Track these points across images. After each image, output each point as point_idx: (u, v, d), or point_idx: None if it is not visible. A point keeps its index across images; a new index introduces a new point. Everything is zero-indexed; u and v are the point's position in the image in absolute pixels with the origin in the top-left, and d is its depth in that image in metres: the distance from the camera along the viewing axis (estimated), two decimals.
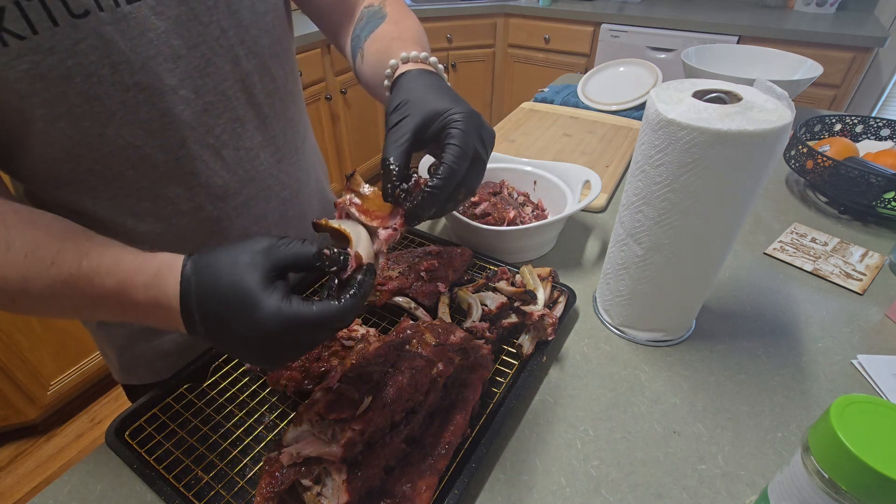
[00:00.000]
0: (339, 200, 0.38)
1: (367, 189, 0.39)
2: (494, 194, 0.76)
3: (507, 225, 0.70)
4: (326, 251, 0.33)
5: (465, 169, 0.38)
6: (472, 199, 0.75)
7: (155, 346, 0.59)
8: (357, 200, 0.38)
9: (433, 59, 0.47)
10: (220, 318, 0.32)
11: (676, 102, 0.45)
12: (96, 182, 0.46)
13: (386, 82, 0.47)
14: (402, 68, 0.45)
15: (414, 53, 0.46)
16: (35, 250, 0.35)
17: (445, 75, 0.47)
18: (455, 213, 0.67)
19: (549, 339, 0.54)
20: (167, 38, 0.43)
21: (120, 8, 0.39)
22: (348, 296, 0.32)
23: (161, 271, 0.34)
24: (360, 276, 0.33)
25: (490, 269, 0.66)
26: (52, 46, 0.37)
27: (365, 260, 0.34)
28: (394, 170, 0.38)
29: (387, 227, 0.38)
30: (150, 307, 0.34)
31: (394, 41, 0.50)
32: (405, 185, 0.38)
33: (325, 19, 0.60)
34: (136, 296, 0.34)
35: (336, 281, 0.34)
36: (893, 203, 0.73)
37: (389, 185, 0.38)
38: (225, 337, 0.33)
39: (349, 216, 0.38)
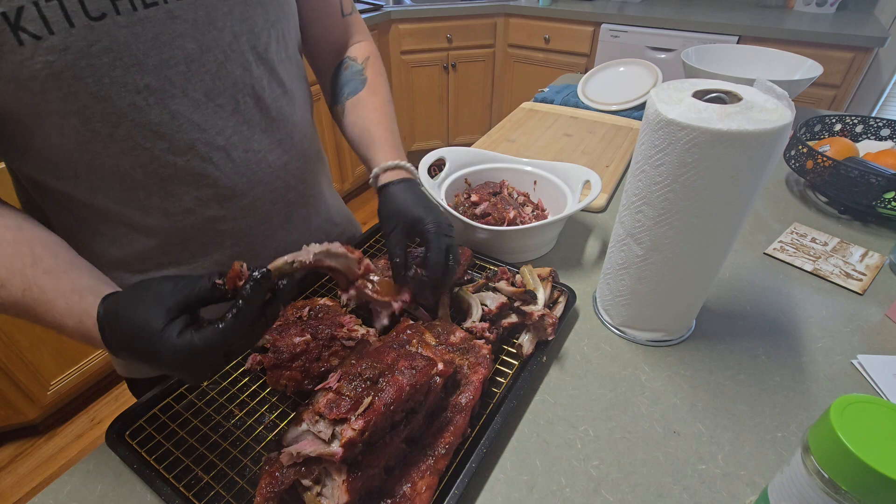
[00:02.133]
0: (359, 284, 0.50)
1: (376, 278, 0.53)
2: (494, 194, 0.76)
3: (507, 225, 0.70)
4: (218, 280, 0.37)
5: (443, 258, 0.51)
6: (472, 199, 0.75)
7: None
8: (371, 286, 0.52)
9: (407, 164, 0.59)
10: (132, 352, 0.37)
11: (676, 102, 0.45)
12: (106, 178, 0.47)
13: (371, 181, 0.59)
14: (385, 177, 0.57)
15: (392, 163, 0.58)
16: (12, 259, 0.39)
17: (418, 176, 0.60)
18: (455, 212, 0.68)
19: (549, 339, 0.54)
20: (182, 42, 0.44)
21: (137, 12, 0.40)
22: (229, 315, 0.35)
23: (83, 317, 0.39)
24: (244, 288, 0.35)
25: (490, 269, 0.66)
26: (66, 47, 0.38)
27: (269, 269, 0.37)
28: (399, 262, 0.52)
29: (397, 301, 0.53)
30: (83, 339, 0.40)
31: (373, 126, 0.61)
32: (409, 273, 0.53)
33: (317, 57, 0.67)
34: (69, 331, 0.40)
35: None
36: (893, 203, 0.73)
37: (400, 275, 0.52)
38: (144, 364, 0.38)
39: (368, 299, 0.52)
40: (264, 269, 0.36)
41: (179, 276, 0.38)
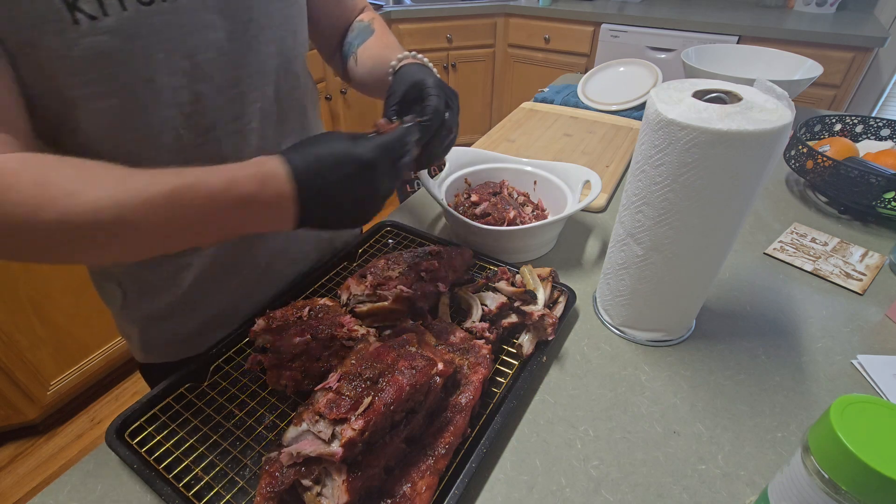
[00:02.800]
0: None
1: (366, 307, 0.55)
2: (494, 194, 0.76)
3: (507, 225, 0.70)
4: (371, 132, 0.45)
5: (443, 109, 0.50)
6: (472, 199, 0.75)
7: (177, 326, 0.61)
8: None
9: (423, 57, 0.58)
10: (322, 166, 0.40)
11: (676, 102, 0.45)
12: (133, 159, 0.46)
13: (389, 78, 0.56)
14: (400, 64, 0.56)
15: (405, 53, 0.58)
16: (130, 178, 0.37)
17: (431, 65, 0.57)
18: (455, 213, 0.68)
19: (549, 339, 0.54)
20: (213, 31, 0.46)
21: (178, 0, 0.43)
22: (402, 124, 0.45)
23: (261, 160, 0.39)
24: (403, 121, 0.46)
25: (490, 269, 0.66)
26: (118, 29, 0.39)
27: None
28: (393, 110, 0.52)
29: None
30: (258, 193, 0.38)
31: (385, 49, 0.62)
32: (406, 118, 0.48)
33: (322, 33, 0.68)
34: (244, 187, 0.38)
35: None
36: (893, 203, 0.73)
37: (391, 113, 0.51)
38: (329, 190, 0.40)
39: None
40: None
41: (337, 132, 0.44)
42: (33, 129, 0.42)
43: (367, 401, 0.39)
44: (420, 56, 0.58)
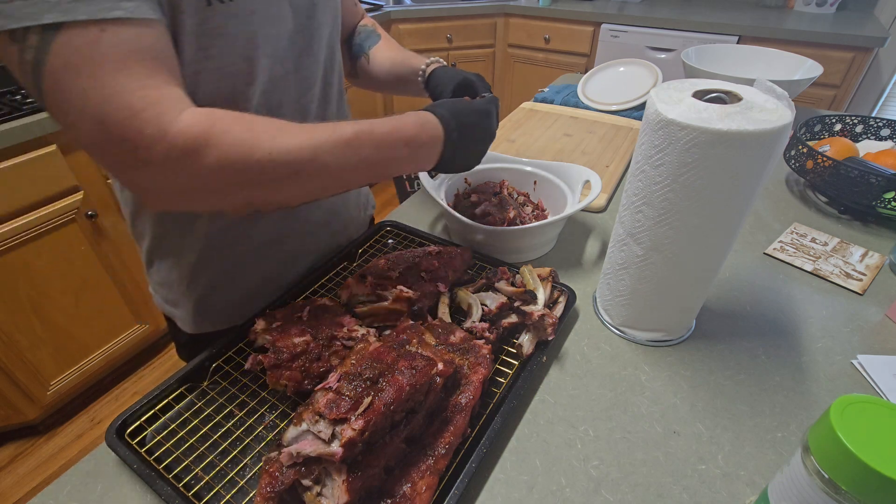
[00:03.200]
0: None
1: (365, 308, 0.57)
2: (494, 194, 0.76)
3: (507, 225, 0.70)
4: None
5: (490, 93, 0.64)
6: (472, 199, 0.75)
7: (230, 293, 0.66)
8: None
9: (441, 60, 0.70)
10: (460, 114, 0.54)
11: (676, 102, 0.45)
12: None
13: (419, 77, 0.69)
14: (431, 67, 0.69)
15: (433, 59, 0.70)
16: (312, 129, 0.45)
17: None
18: (455, 213, 0.68)
19: (549, 339, 0.54)
20: (287, 22, 0.53)
21: None
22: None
23: (417, 112, 0.53)
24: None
25: (490, 269, 0.66)
26: (236, 13, 0.46)
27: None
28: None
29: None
30: (418, 133, 0.51)
31: (401, 52, 0.73)
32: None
33: None
34: (409, 129, 0.50)
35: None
36: (893, 203, 0.73)
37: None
38: (465, 131, 0.54)
39: None
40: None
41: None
42: None
43: (367, 401, 0.39)
44: (441, 60, 0.70)
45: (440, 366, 0.44)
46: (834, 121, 0.96)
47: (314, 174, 0.45)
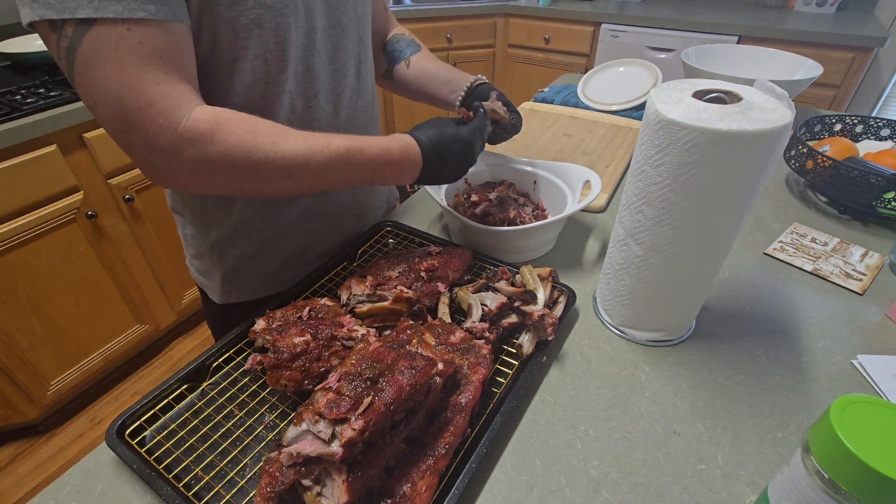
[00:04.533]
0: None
1: (366, 306, 0.57)
2: (495, 193, 0.76)
3: (507, 225, 0.70)
4: (462, 109, 0.68)
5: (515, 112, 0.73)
6: (473, 199, 0.75)
7: (258, 266, 0.71)
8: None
9: (484, 77, 0.77)
10: (440, 145, 0.59)
11: (676, 102, 0.45)
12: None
13: (463, 92, 0.75)
14: (477, 83, 0.75)
15: (478, 76, 0.76)
16: (310, 138, 0.51)
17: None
18: (455, 213, 0.68)
19: (549, 339, 0.54)
20: (320, 16, 0.58)
21: None
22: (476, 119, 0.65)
23: (400, 136, 0.58)
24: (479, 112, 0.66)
25: (490, 269, 0.66)
26: (272, 5, 0.51)
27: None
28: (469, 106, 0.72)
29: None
30: (401, 158, 0.56)
31: (445, 65, 0.79)
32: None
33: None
34: (393, 154, 0.56)
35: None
36: (893, 203, 0.73)
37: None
38: (443, 159, 0.59)
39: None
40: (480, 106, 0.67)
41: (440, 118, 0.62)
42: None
43: (367, 401, 0.39)
44: (484, 77, 0.77)
45: (440, 366, 0.44)
46: (834, 121, 0.96)
47: (304, 177, 0.51)
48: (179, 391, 0.51)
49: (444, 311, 0.58)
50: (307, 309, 0.54)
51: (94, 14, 0.41)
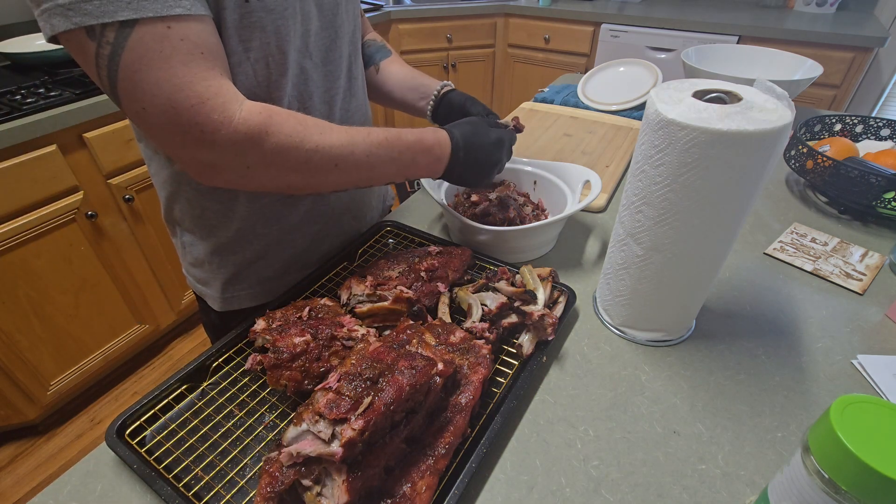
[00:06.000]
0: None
1: (366, 307, 0.57)
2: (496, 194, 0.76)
3: (507, 225, 0.70)
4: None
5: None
6: (473, 199, 0.75)
7: (259, 271, 0.71)
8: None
9: (451, 83, 0.78)
10: (470, 141, 0.61)
11: (676, 102, 0.45)
12: None
13: (433, 99, 0.75)
14: (444, 89, 0.76)
15: (445, 82, 0.76)
16: (351, 129, 0.53)
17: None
18: (455, 213, 0.68)
19: (549, 339, 0.54)
20: (314, 19, 0.58)
21: None
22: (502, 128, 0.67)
23: (435, 129, 0.61)
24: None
25: (490, 269, 0.66)
26: (273, 9, 0.51)
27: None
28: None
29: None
30: (433, 147, 0.59)
31: (413, 71, 0.79)
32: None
33: None
34: (428, 141, 0.58)
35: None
36: (893, 203, 0.73)
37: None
38: (471, 155, 0.61)
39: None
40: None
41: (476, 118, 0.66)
42: None
43: (367, 401, 0.39)
44: (451, 84, 0.77)
45: (440, 366, 0.44)
46: (834, 121, 0.96)
47: (350, 168, 0.53)
48: (179, 391, 0.51)
49: (444, 311, 0.58)
50: (307, 309, 0.54)
51: (136, 15, 0.40)
